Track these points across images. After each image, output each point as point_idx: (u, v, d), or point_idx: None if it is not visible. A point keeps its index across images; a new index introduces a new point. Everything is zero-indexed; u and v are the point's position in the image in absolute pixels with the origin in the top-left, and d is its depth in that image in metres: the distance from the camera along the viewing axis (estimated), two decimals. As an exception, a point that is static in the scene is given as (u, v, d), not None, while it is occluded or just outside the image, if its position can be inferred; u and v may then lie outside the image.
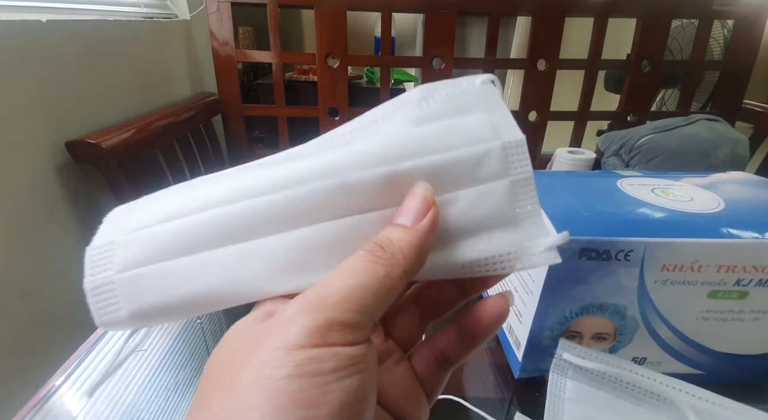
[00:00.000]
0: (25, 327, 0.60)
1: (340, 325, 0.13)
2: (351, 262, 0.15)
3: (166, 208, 0.17)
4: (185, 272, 0.16)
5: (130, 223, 0.17)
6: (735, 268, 0.30)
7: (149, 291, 0.16)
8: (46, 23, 0.63)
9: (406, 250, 0.15)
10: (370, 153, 0.16)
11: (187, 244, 0.16)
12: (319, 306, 0.13)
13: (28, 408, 0.32)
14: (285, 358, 0.12)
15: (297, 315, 0.13)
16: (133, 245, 0.17)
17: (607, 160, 0.85)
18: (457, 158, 0.16)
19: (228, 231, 0.16)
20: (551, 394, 0.31)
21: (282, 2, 0.98)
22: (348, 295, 0.13)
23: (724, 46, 1.16)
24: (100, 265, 0.17)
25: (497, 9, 1.03)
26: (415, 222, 0.15)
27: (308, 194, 0.16)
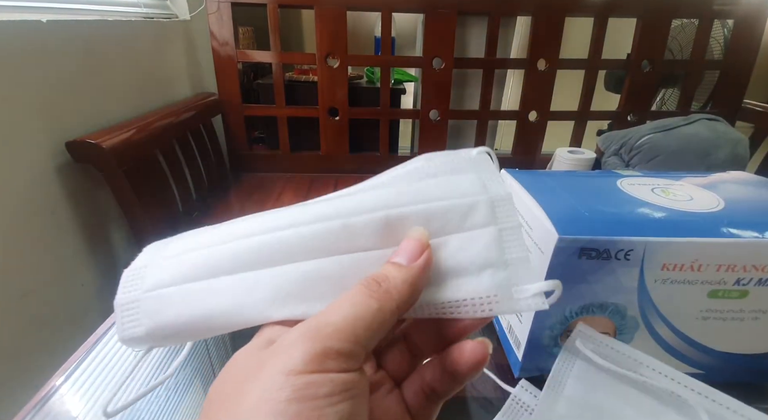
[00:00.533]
0: (25, 327, 0.61)
1: (335, 353, 0.14)
2: (349, 295, 0.16)
3: (196, 239, 0.19)
4: (200, 295, 0.18)
5: (165, 252, 0.20)
6: (735, 268, 0.30)
7: (167, 309, 0.18)
8: (47, 23, 0.64)
9: (400, 287, 0.16)
10: (372, 200, 0.18)
11: (207, 269, 0.18)
12: (317, 335, 0.14)
13: (28, 408, 0.32)
14: (284, 382, 0.13)
15: (297, 342, 0.14)
16: (163, 269, 0.19)
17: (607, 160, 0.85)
18: (448, 206, 0.18)
19: (241, 260, 0.18)
20: (556, 369, 0.31)
21: (282, 2, 0.99)
22: (344, 325, 0.14)
23: (725, 46, 1.16)
24: (131, 284, 0.19)
25: (497, 9, 1.03)
26: (410, 261, 0.17)
27: (314, 232, 0.18)
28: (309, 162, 1.14)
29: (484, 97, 1.10)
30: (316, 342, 0.14)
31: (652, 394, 0.28)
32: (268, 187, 1.05)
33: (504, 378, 0.36)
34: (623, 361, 0.30)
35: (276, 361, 0.13)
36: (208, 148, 1.01)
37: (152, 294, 0.18)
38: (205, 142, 1.01)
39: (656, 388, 0.28)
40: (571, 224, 0.30)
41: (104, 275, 0.77)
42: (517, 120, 1.12)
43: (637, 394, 0.28)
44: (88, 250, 0.73)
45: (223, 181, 1.08)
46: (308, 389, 0.13)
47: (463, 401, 0.36)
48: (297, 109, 1.09)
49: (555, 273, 0.31)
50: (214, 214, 0.91)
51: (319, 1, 0.97)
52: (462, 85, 1.16)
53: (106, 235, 0.78)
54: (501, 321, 0.41)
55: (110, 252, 0.79)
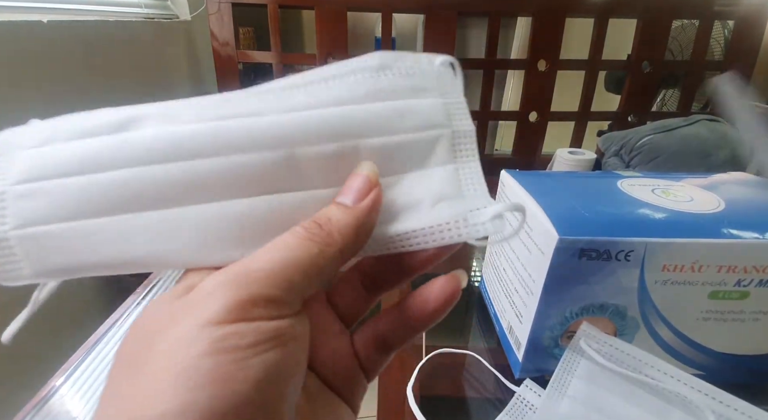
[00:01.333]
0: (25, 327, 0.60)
1: (264, 300, 0.12)
2: (284, 237, 0.14)
3: (81, 151, 0.15)
4: (103, 236, 0.14)
5: (29, 168, 0.15)
6: (735, 269, 0.30)
7: (57, 252, 0.15)
8: (47, 24, 0.64)
9: (344, 230, 0.15)
10: (320, 124, 0.15)
11: (106, 204, 0.14)
12: (244, 281, 0.12)
13: (28, 408, 0.32)
14: (199, 334, 0.11)
15: (218, 290, 0.12)
16: (33, 199, 0.14)
17: (608, 161, 0.85)
18: (407, 141, 0.16)
19: (156, 193, 0.14)
20: (561, 368, 0.31)
21: (282, 3, 0.99)
22: (276, 270, 0.13)
23: (725, 47, 1.16)
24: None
25: (497, 10, 1.03)
26: (356, 201, 0.15)
27: (252, 162, 0.15)
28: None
29: (485, 98, 1.10)
30: (242, 288, 0.12)
31: (657, 394, 0.28)
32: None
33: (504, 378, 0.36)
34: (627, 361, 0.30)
35: (192, 312, 0.12)
36: (208, 149, 1.01)
37: (29, 231, 0.14)
38: (206, 143, 1.01)
39: (661, 389, 0.28)
40: (572, 225, 0.30)
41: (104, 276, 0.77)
42: (518, 120, 1.12)
43: (642, 393, 0.28)
44: (89, 250, 0.72)
45: (223, 181, 1.08)
46: (228, 340, 0.11)
47: (464, 401, 0.36)
48: (297, 110, 1.09)
49: (555, 274, 0.31)
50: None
51: (319, 2, 0.97)
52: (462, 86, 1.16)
53: (107, 236, 0.78)
54: (501, 321, 0.41)
55: (110, 252, 0.79)
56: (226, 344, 0.11)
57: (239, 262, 0.13)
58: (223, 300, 0.12)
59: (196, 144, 0.15)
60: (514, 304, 0.36)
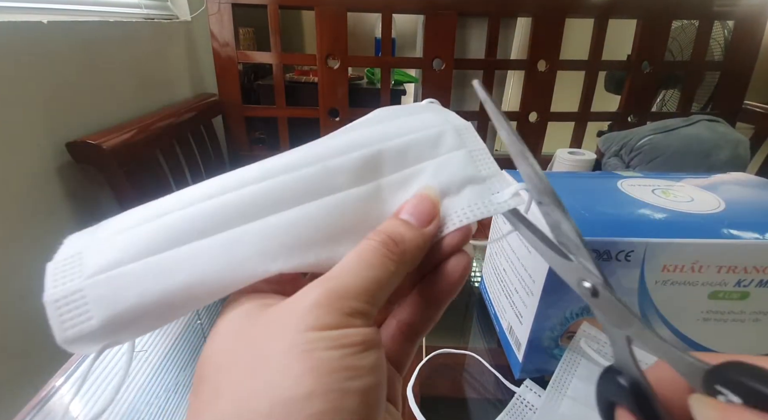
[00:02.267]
0: (25, 328, 0.60)
1: (359, 313, 0.14)
2: (367, 253, 0.15)
3: (139, 214, 0.16)
4: (168, 265, 0.15)
5: (99, 235, 0.16)
6: (736, 269, 0.30)
7: (126, 291, 0.15)
8: (47, 24, 0.64)
9: (414, 251, 0.16)
10: (344, 143, 0.18)
11: (168, 239, 0.15)
12: (343, 296, 0.14)
13: (28, 409, 0.32)
14: (320, 336, 0.13)
15: (323, 302, 0.14)
16: (105, 250, 0.15)
17: (608, 161, 0.85)
18: (419, 138, 0.18)
19: (211, 222, 0.16)
20: (561, 369, 0.31)
21: (282, 3, 0.99)
22: (366, 288, 0.14)
23: (725, 47, 1.16)
24: (65, 276, 0.15)
25: (497, 10, 1.03)
26: (422, 224, 0.17)
27: (294, 178, 0.17)
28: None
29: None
30: (343, 302, 0.14)
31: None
32: (268, 188, 1.05)
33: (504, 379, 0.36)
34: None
35: (300, 319, 0.13)
36: (208, 149, 1.01)
37: (100, 278, 0.15)
38: (206, 143, 1.01)
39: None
40: (572, 225, 0.30)
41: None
42: (518, 121, 1.12)
43: None
44: (89, 250, 0.73)
45: (223, 181, 1.08)
46: (344, 339, 0.13)
47: (464, 402, 0.36)
48: (297, 110, 1.09)
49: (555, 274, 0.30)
50: (215, 215, 0.91)
51: (319, 2, 0.97)
52: (462, 86, 1.16)
53: (107, 236, 0.78)
54: (501, 322, 0.41)
55: (110, 253, 0.79)
56: (344, 341, 0.13)
57: (329, 281, 0.15)
58: (329, 310, 0.14)
59: (246, 176, 0.17)
60: (514, 304, 0.36)
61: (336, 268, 0.15)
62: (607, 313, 0.16)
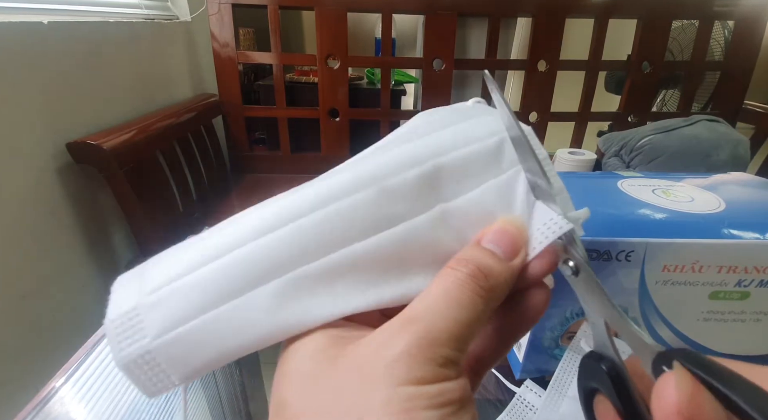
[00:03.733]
0: (25, 328, 0.60)
1: (451, 362, 0.13)
2: (455, 290, 0.14)
3: (187, 257, 0.15)
4: (236, 318, 0.14)
5: (149, 283, 0.15)
6: (736, 269, 0.30)
7: (200, 348, 0.14)
8: (48, 25, 0.64)
9: (503, 287, 0.14)
10: (396, 159, 0.16)
11: (230, 287, 0.15)
12: (434, 343, 0.13)
13: (28, 409, 0.32)
14: (417, 392, 0.12)
15: (414, 352, 0.13)
16: (163, 304, 0.15)
17: (608, 161, 0.85)
18: (478, 150, 0.16)
19: (271, 265, 0.15)
20: (561, 369, 0.31)
21: (282, 3, 0.99)
22: (456, 332, 0.13)
23: (725, 47, 1.16)
24: (129, 336, 0.15)
25: (497, 10, 1.03)
26: (509, 256, 0.15)
27: (350, 208, 0.15)
28: (309, 163, 1.14)
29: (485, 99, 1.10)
30: (435, 352, 0.13)
31: None
32: (268, 188, 1.05)
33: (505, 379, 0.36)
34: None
35: (393, 371, 0.12)
36: (208, 149, 1.01)
37: (169, 337, 0.14)
38: (206, 143, 1.01)
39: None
40: (572, 225, 0.30)
41: (104, 276, 0.77)
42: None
43: None
44: (89, 251, 0.73)
45: (223, 182, 1.08)
46: (442, 396, 0.12)
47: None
48: (297, 111, 1.09)
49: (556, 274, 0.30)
50: (215, 215, 0.91)
51: (319, 3, 0.97)
52: (462, 86, 1.16)
53: (107, 236, 0.79)
54: (501, 322, 0.41)
55: (110, 253, 0.79)
56: (442, 400, 0.12)
57: (420, 321, 0.13)
58: (422, 362, 0.12)
59: (296, 207, 0.15)
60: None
61: (420, 305, 0.14)
62: (586, 294, 0.15)
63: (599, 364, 0.15)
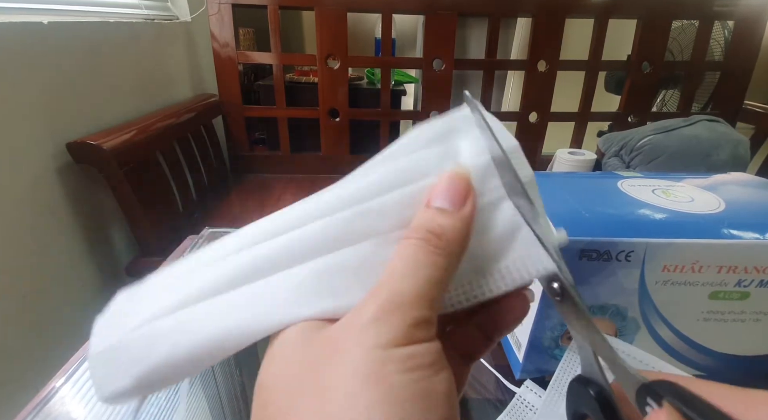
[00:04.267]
0: (26, 328, 0.60)
1: (423, 322, 0.13)
2: (411, 253, 0.14)
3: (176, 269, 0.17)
4: (201, 317, 0.15)
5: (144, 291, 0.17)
6: (736, 269, 0.30)
7: (159, 345, 0.15)
8: (48, 25, 0.64)
9: (459, 239, 0.14)
10: (378, 181, 0.16)
11: (203, 290, 0.16)
12: (401, 305, 0.13)
13: (28, 410, 0.32)
14: (387, 355, 0.12)
15: (381, 315, 0.12)
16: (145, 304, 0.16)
17: (608, 161, 0.85)
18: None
19: (245, 272, 0.16)
20: (561, 369, 0.31)
21: (282, 3, 0.99)
22: (422, 291, 0.13)
23: (725, 47, 1.16)
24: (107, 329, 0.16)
25: (497, 10, 1.03)
26: (458, 206, 0.15)
27: (324, 226, 0.15)
28: (309, 163, 1.14)
29: (484, 99, 1.10)
30: (403, 313, 0.12)
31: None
32: (268, 188, 1.05)
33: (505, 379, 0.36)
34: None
35: (362, 337, 0.12)
36: (208, 149, 1.01)
37: (138, 332, 0.15)
38: (206, 143, 1.01)
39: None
40: (572, 226, 0.30)
41: (104, 276, 0.77)
42: (518, 121, 1.12)
43: None
44: (89, 251, 0.73)
45: (223, 182, 1.08)
46: (413, 360, 0.12)
47: (465, 402, 0.36)
48: (297, 111, 1.09)
49: (555, 274, 0.30)
50: (215, 215, 0.91)
51: (319, 3, 0.98)
52: (462, 87, 1.16)
53: (107, 236, 0.79)
54: (501, 322, 0.41)
55: (110, 253, 0.79)
56: (413, 363, 0.12)
57: (385, 287, 0.13)
58: (391, 324, 0.12)
59: (274, 226, 0.16)
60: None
61: (384, 276, 0.14)
62: (571, 317, 0.15)
63: (587, 389, 0.15)
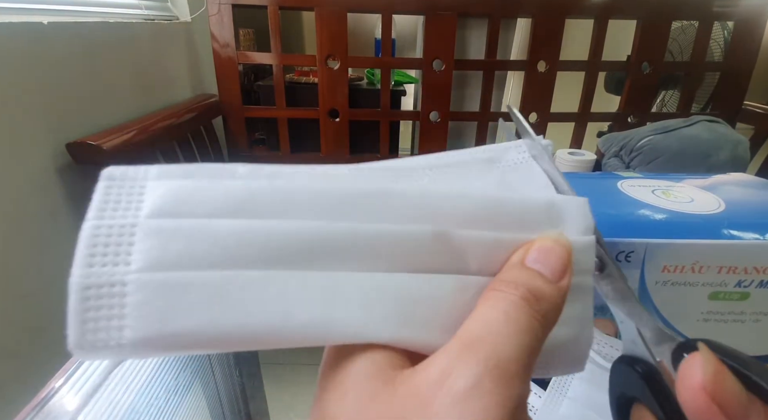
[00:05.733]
0: (25, 328, 0.60)
1: (523, 400, 0.11)
2: (513, 311, 0.12)
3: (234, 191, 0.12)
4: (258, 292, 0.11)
5: (169, 199, 0.12)
6: (736, 269, 0.30)
7: (189, 310, 0.11)
8: (48, 25, 0.64)
9: (555, 310, 0.13)
10: (470, 206, 0.14)
11: (265, 255, 0.12)
12: (507, 375, 0.10)
13: (28, 410, 0.32)
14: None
15: (488, 384, 0.10)
16: (169, 237, 0.11)
17: (608, 162, 0.85)
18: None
19: (320, 252, 0.12)
20: None
21: (282, 4, 0.99)
22: (525, 360, 0.11)
23: (725, 48, 1.16)
24: (106, 256, 0.11)
25: (497, 11, 1.03)
26: (557, 277, 0.13)
27: (403, 237, 0.13)
28: (309, 163, 1.14)
29: (485, 99, 1.10)
30: (511, 387, 0.10)
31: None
32: (268, 189, 1.05)
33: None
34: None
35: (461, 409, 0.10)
36: (208, 150, 1.01)
37: (158, 277, 0.11)
38: (206, 144, 1.01)
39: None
40: (572, 226, 0.30)
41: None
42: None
43: None
44: (89, 251, 0.73)
45: (223, 182, 1.08)
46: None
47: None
48: (297, 111, 1.09)
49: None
50: (215, 216, 0.91)
51: (319, 3, 0.98)
52: (462, 87, 1.16)
53: (107, 237, 0.78)
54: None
55: (110, 253, 0.79)
56: None
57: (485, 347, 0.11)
58: (495, 401, 0.10)
59: (359, 205, 0.13)
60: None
61: (477, 326, 0.12)
62: (610, 292, 0.15)
63: (633, 368, 0.14)
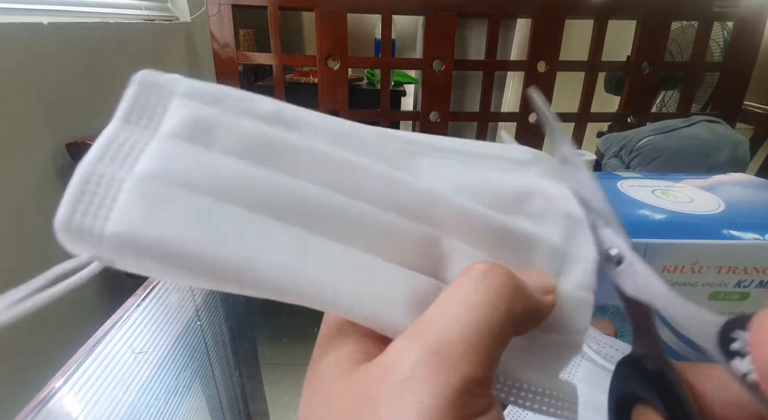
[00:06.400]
0: (25, 329, 0.60)
1: (476, 384, 0.10)
2: (466, 291, 0.11)
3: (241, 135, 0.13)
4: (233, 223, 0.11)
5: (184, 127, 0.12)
6: (736, 270, 0.30)
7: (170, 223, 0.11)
8: (48, 26, 0.64)
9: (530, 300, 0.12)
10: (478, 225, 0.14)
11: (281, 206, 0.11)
12: (447, 360, 0.09)
13: (28, 410, 0.32)
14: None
15: (422, 373, 0.09)
16: (181, 158, 0.11)
17: (608, 162, 0.85)
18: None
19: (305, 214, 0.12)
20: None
21: (282, 4, 0.99)
22: (475, 340, 0.10)
23: (724, 48, 1.16)
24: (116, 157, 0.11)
25: (497, 11, 1.03)
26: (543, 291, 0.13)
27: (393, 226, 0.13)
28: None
29: (485, 99, 1.10)
30: (451, 373, 0.09)
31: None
32: (268, 189, 1.05)
33: (504, 380, 0.36)
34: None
35: (398, 401, 0.09)
36: (208, 150, 1.01)
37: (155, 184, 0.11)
38: (206, 144, 1.01)
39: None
40: (572, 226, 0.30)
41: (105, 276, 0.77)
42: (518, 122, 1.12)
43: None
44: (89, 251, 0.73)
45: (223, 182, 1.08)
46: None
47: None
48: (297, 111, 1.09)
49: (555, 275, 0.30)
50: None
51: (319, 3, 0.98)
52: (462, 87, 1.16)
53: (107, 237, 0.79)
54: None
55: (110, 253, 0.79)
56: None
57: (426, 330, 0.10)
58: (435, 392, 0.09)
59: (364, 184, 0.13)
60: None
61: (430, 311, 0.11)
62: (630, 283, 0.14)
63: (642, 367, 0.13)
